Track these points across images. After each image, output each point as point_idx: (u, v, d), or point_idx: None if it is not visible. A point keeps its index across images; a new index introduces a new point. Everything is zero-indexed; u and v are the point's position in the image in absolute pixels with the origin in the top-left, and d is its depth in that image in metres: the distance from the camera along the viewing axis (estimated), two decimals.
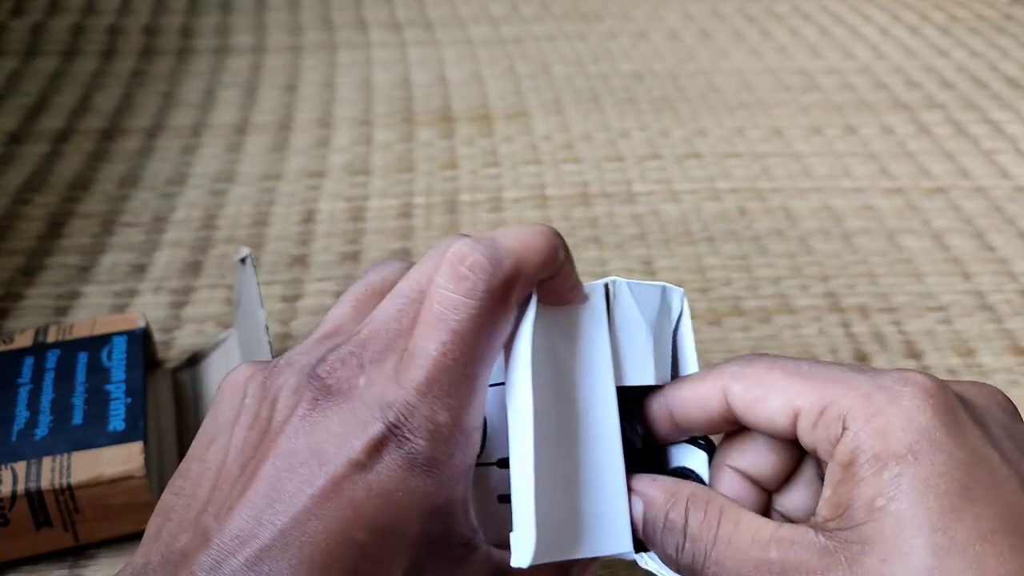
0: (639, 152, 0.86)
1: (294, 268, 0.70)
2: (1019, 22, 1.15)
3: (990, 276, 0.70)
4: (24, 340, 0.54)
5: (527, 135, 0.89)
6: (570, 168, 0.83)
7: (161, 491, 0.50)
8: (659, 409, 0.33)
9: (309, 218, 0.76)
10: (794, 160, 0.85)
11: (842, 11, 1.18)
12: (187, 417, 0.55)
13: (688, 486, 0.31)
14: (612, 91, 0.97)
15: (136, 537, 0.49)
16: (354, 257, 0.72)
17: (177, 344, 0.62)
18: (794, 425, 0.29)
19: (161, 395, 0.55)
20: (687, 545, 0.29)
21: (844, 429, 0.27)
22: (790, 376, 0.30)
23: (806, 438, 0.29)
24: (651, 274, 0.70)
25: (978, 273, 0.71)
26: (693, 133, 0.89)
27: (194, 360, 0.58)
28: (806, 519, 0.32)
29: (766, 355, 0.32)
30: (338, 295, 0.68)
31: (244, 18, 1.15)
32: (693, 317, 0.60)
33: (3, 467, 0.46)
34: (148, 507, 0.47)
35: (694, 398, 0.32)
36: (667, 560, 0.31)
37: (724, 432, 0.33)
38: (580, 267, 0.41)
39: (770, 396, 0.29)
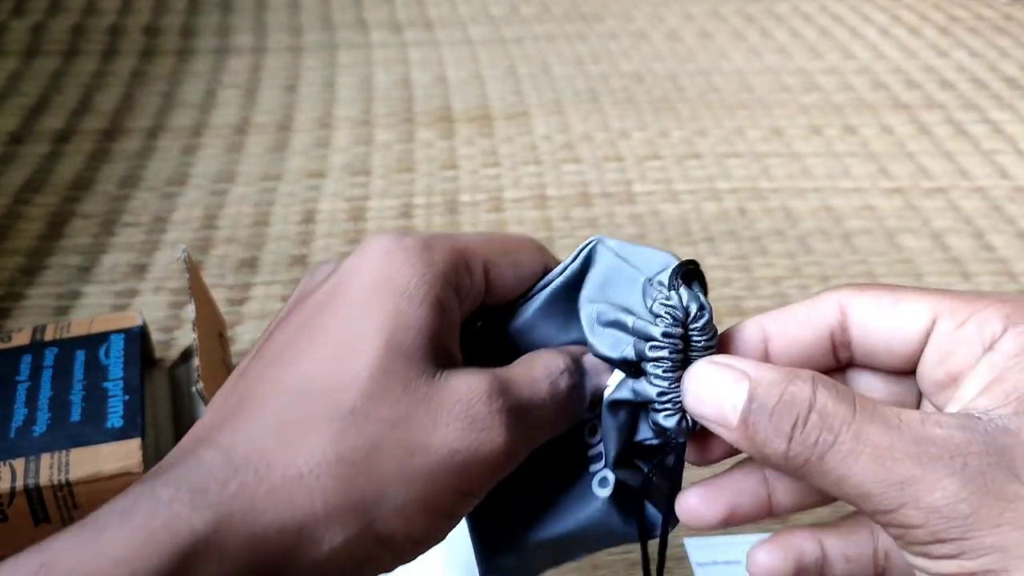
0: (639, 152, 0.86)
1: (294, 268, 0.71)
2: (1019, 22, 1.15)
3: (990, 276, 0.70)
4: (22, 338, 0.54)
5: (527, 135, 0.89)
6: (570, 168, 0.83)
7: None
8: (751, 338, 0.29)
9: (309, 218, 0.77)
10: (794, 160, 0.85)
11: (842, 11, 1.18)
12: (183, 413, 0.55)
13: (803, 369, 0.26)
14: (612, 91, 0.97)
15: None
16: None
17: (177, 344, 0.62)
18: (927, 331, 0.27)
19: (158, 392, 0.56)
20: (808, 426, 0.25)
21: (1008, 328, 0.26)
22: (921, 291, 0.28)
23: (944, 340, 0.27)
24: None
25: (977, 273, 0.71)
26: (693, 133, 0.89)
27: (188, 355, 0.58)
28: None
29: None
30: None
31: (244, 18, 1.15)
32: None
33: (1, 464, 0.46)
34: None
35: (804, 317, 0.28)
36: (767, 454, 0.26)
37: (820, 369, 0.29)
38: None
39: (905, 302, 0.28)
